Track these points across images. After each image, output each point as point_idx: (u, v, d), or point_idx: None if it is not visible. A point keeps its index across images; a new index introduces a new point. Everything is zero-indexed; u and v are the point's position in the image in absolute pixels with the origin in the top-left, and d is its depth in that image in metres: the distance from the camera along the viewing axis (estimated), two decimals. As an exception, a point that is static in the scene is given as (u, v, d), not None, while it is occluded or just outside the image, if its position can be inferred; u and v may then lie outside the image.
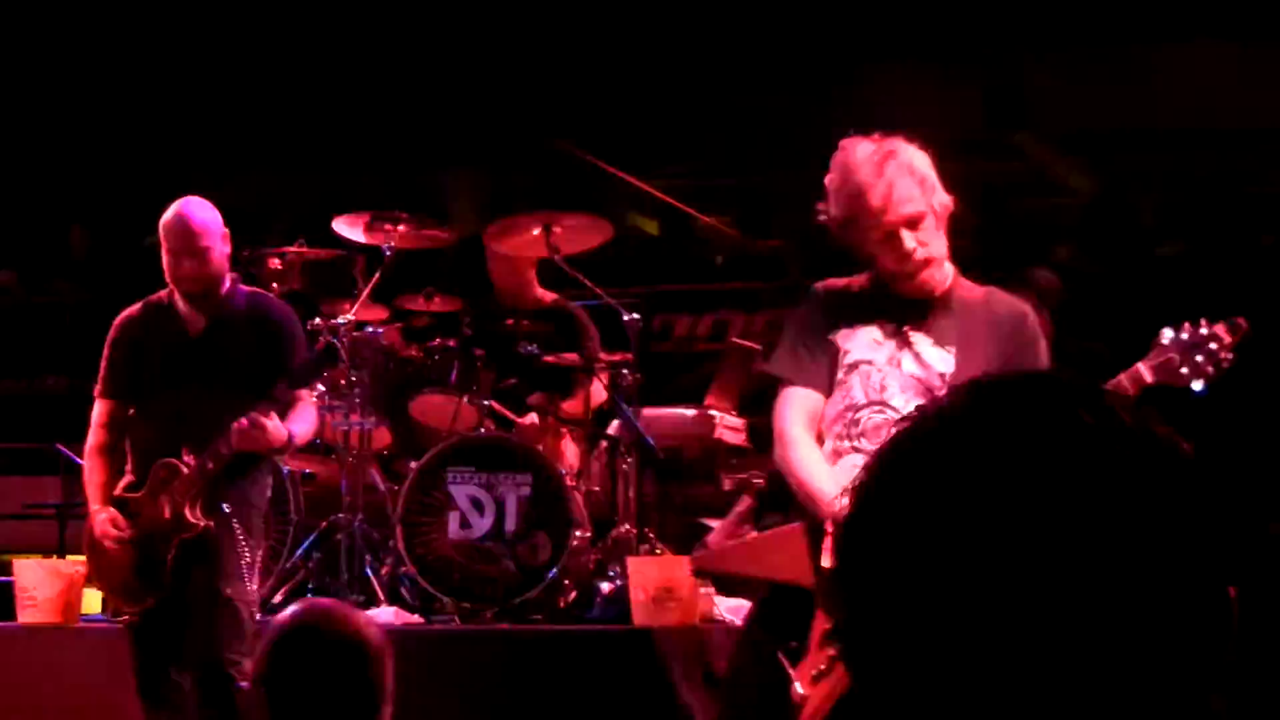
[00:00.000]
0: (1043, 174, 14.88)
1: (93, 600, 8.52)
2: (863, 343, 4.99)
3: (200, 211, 6.66)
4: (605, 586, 7.96)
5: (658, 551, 8.07)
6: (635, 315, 8.44)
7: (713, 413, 9.16)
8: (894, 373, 4.93)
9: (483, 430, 8.37)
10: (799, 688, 4.70)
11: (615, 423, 8.57)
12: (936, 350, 4.93)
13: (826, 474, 4.87)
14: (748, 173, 14.96)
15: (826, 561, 4.69)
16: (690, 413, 9.20)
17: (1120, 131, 14.12)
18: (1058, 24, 13.26)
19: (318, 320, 8.49)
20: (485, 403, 8.50)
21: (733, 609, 7.62)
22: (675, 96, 14.64)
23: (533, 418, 8.67)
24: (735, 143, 14.83)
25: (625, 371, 8.43)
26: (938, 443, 1.59)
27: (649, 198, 14.25)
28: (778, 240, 13.18)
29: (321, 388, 7.98)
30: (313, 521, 8.35)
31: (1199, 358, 4.75)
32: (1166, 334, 4.80)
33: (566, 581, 8.01)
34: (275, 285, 8.54)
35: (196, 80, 14.24)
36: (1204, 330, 4.79)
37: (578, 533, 7.99)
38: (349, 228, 8.84)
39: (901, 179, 4.83)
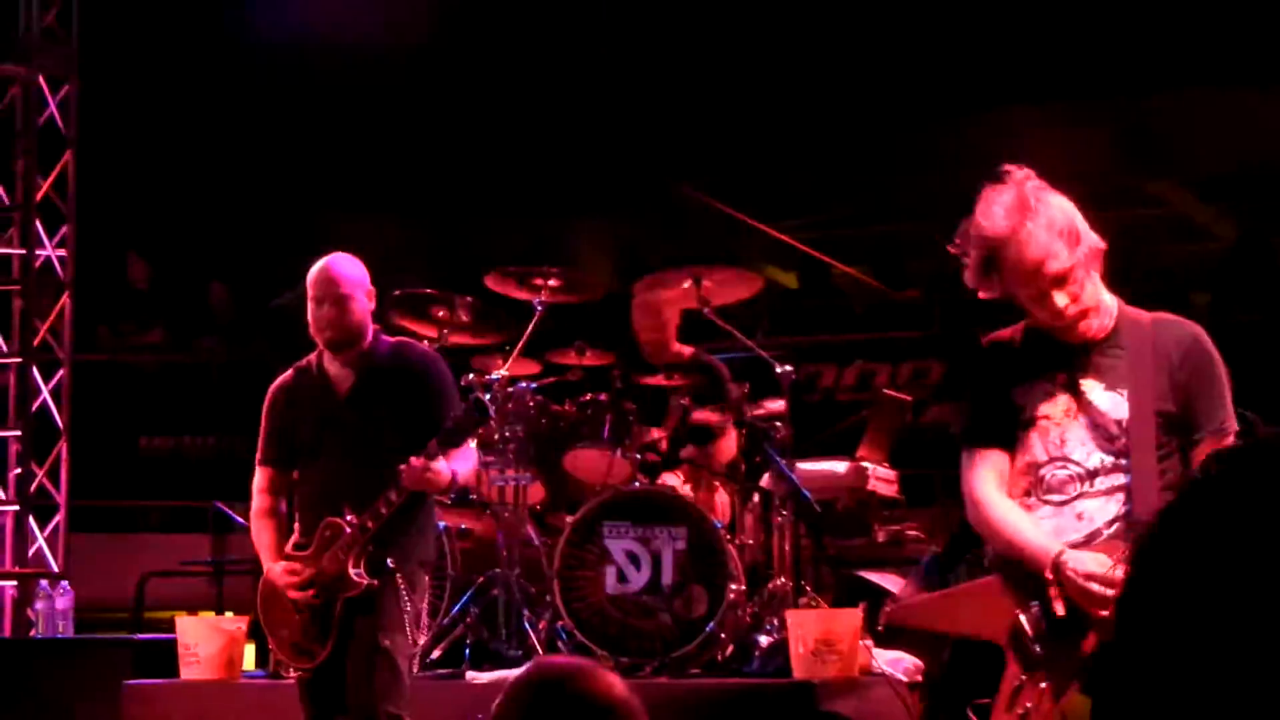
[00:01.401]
0: (1182, 220, 14.77)
1: (252, 656, 8.62)
2: (1037, 397, 4.93)
3: (344, 264, 6.77)
4: (763, 640, 7.94)
5: (815, 604, 8.04)
6: (789, 367, 8.45)
7: (865, 465, 9.14)
8: (1072, 425, 4.87)
9: (636, 484, 8.39)
10: (985, 745, 4.69)
11: (767, 475, 8.55)
12: (1109, 395, 4.86)
13: (1035, 527, 4.83)
14: (882, 221, 14.94)
15: (1060, 610, 4.66)
16: (843, 466, 9.18)
17: (1260, 174, 13.98)
18: (1193, 65, 13.17)
19: (470, 375, 8.57)
20: (638, 456, 8.53)
21: (892, 661, 7.60)
22: (806, 145, 14.66)
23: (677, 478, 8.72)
24: (868, 191, 14.82)
25: (778, 424, 8.42)
26: (1212, 508, 1.63)
27: (784, 248, 14.26)
28: (916, 289, 13.14)
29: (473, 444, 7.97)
30: (470, 577, 8.39)
31: None
32: None
33: (723, 635, 7.99)
34: (425, 341, 8.57)
35: (331, 137, 14.40)
36: None
37: (734, 586, 7.98)
38: (499, 284, 8.90)
39: (1044, 236, 4.73)
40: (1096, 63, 13.32)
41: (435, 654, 8.05)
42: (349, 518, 6.53)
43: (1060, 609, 4.65)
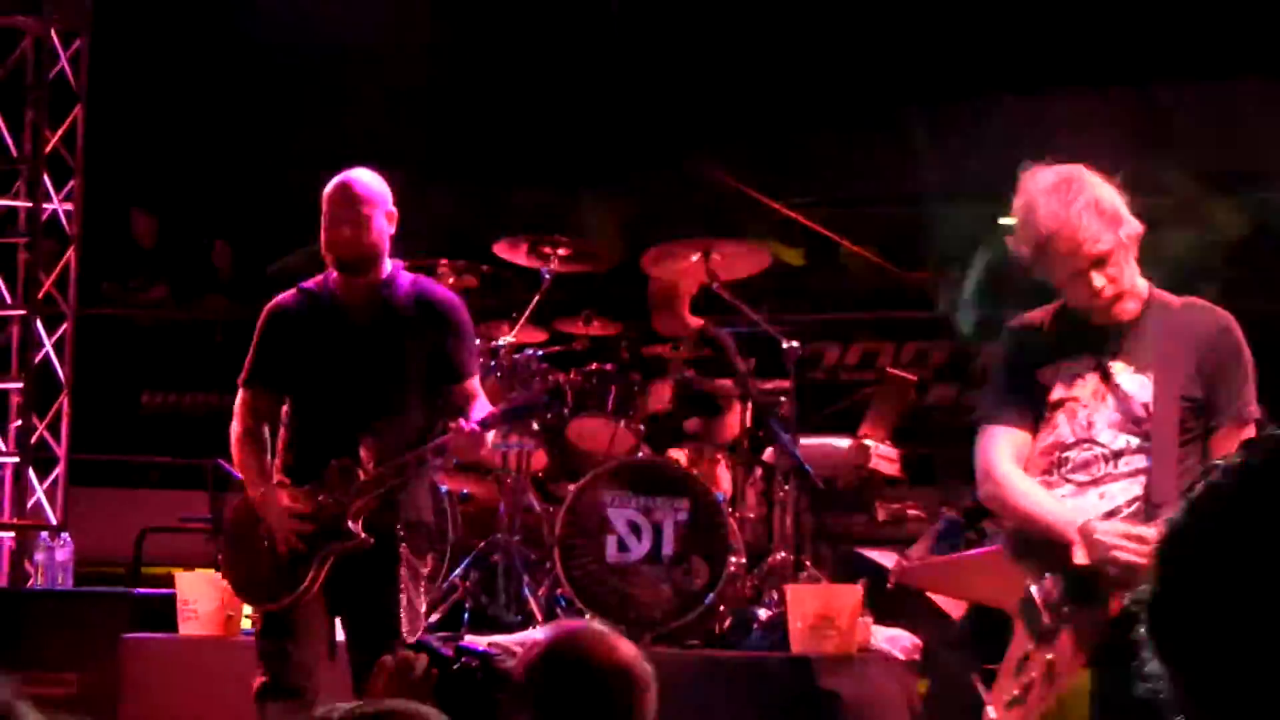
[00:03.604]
0: (1193, 210, 14.74)
1: (250, 613, 8.62)
2: (1066, 379, 4.99)
3: (366, 179, 6.31)
4: (762, 613, 7.96)
5: (815, 580, 8.05)
6: (795, 343, 8.45)
7: (868, 442, 9.15)
8: (1099, 407, 4.92)
9: (640, 455, 8.39)
10: (991, 712, 4.73)
11: (770, 449, 8.57)
12: (1136, 378, 4.91)
13: (1055, 500, 4.87)
14: (895, 202, 14.93)
15: (1081, 559, 4.70)
16: (846, 442, 9.19)
17: (1275, 168, 13.96)
18: (1212, 56, 13.14)
19: (477, 341, 8.55)
20: (642, 427, 8.53)
21: (890, 639, 7.62)
22: (817, 124, 14.63)
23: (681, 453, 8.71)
24: (881, 170, 14.80)
25: (783, 399, 8.43)
26: (1247, 497, 1.65)
27: (790, 225, 14.24)
28: (924, 271, 13.14)
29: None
30: (471, 541, 8.40)
31: None
32: None
33: (722, 607, 8.01)
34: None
35: (341, 99, 14.38)
36: None
37: (734, 559, 8.00)
38: (509, 251, 8.90)
39: (1087, 216, 4.79)
40: (1115, 50, 13.29)
41: (434, 617, 8.05)
42: (366, 462, 6.13)
43: (1082, 559, 4.69)
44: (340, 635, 6.39)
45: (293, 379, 6.39)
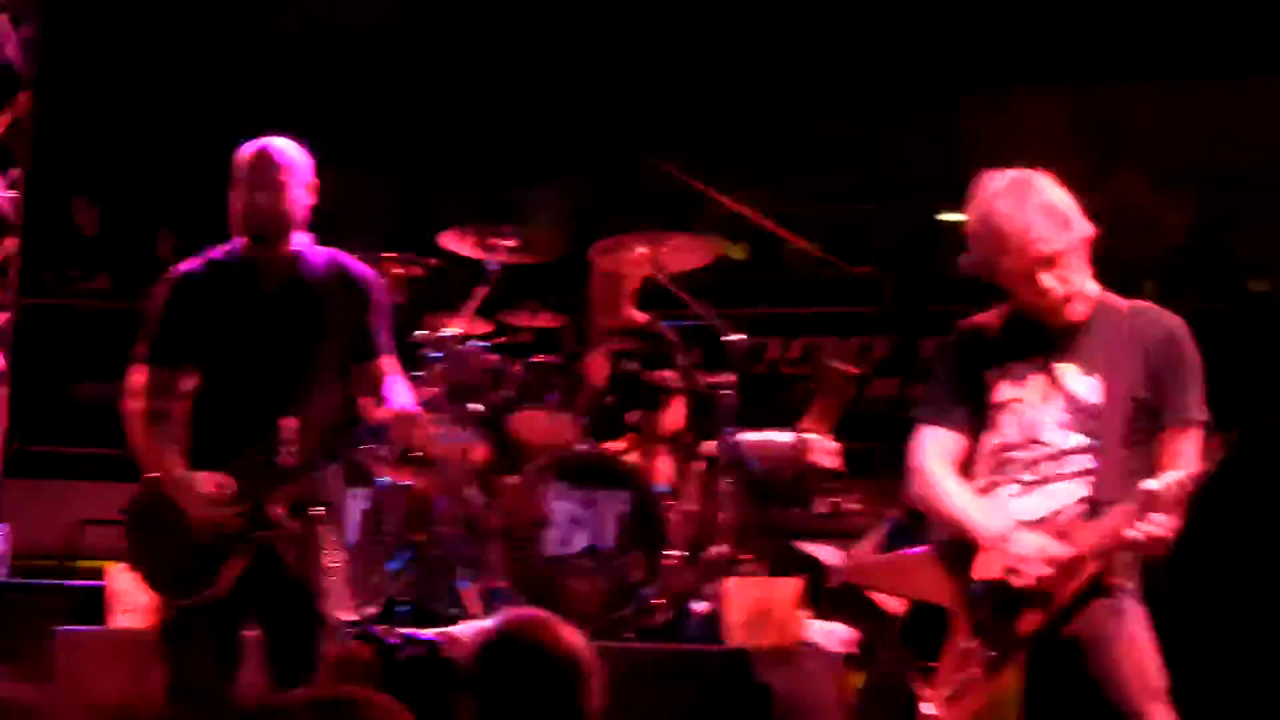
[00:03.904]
0: (1136, 210, 14.82)
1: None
2: (1013, 379, 5.04)
3: (284, 146, 5.96)
4: (700, 607, 7.95)
5: (754, 573, 8.04)
6: (741, 336, 8.44)
7: (809, 436, 9.13)
8: (1045, 409, 4.98)
9: (581, 447, 8.36)
10: (927, 708, 4.75)
11: (712, 442, 8.55)
12: (1084, 380, 4.96)
13: (975, 502, 4.91)
14: (837, 199, 14.96)
15: (982, 568, 4.80)
16: (786, 436, 9.17)
17: (1217, 168, 14.05)
18: (1156, 57, 13.21)
19: (423, 332, 8.52)
20: (584, 420, 8.49)
21: (827, 633, 7.62)
22: (764, 120, 14.65)
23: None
24: (825, 167, 14.84)
25: (726, 393, 8.41)
26: None
27: (734, 221, 14.25)
28: (868, 266, 13.18)
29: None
30: (409, 534, 8.33)
31: None
32: None
33: (660, 601, 7.99)
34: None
35: (288, 90, 14.32)
36: None
37: (673, 552, 7.98)
38: (457, 242, 8.85)
39: (1039, 218, 4.84)
40: (1060, 50, 13.34)
41: (370, 610, 7.99)
42: (289, 445, 5.72)
43: (978, 575, 4.76)
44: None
45: (200, 354, 5.95)
